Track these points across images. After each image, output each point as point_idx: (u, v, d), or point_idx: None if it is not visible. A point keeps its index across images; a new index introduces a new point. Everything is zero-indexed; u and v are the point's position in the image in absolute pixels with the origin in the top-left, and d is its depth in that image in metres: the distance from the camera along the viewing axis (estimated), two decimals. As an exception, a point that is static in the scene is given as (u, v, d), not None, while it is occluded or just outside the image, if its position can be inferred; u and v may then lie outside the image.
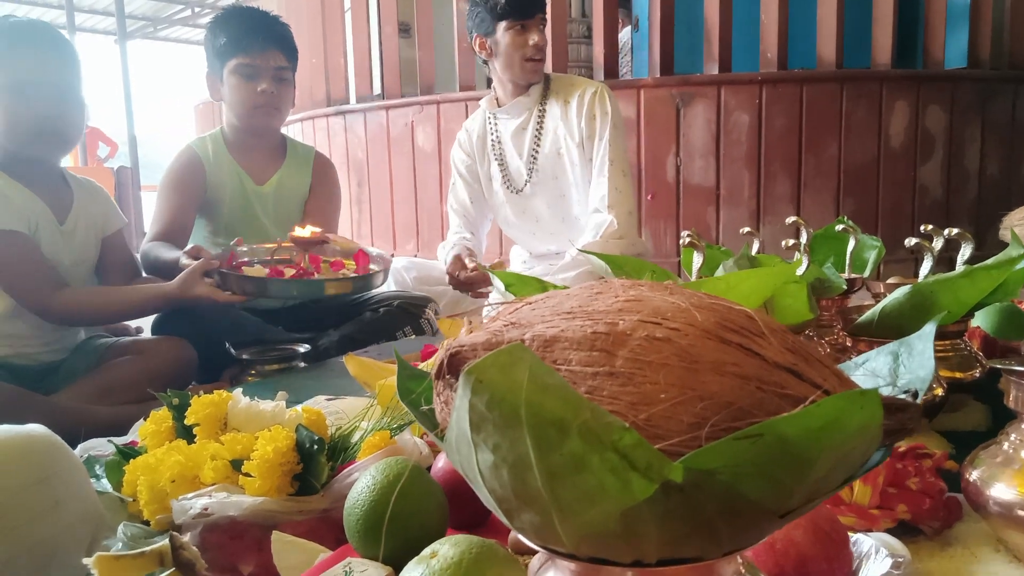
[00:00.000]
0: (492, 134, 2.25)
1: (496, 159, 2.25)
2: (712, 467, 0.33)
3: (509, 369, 0.34)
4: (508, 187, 2.24)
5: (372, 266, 1.76)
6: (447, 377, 0.45)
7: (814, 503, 0.37)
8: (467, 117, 3.64)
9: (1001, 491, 0.60)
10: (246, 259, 1.73)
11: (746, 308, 0.40)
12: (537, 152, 2.18)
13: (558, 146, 2.15)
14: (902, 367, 0.43)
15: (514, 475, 0.36)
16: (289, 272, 1.65)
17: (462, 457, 0.39)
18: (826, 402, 0.31)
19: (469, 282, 2.05)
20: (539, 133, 2.17)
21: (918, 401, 0.37)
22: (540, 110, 2.17)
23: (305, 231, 1.72)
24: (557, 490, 0.35)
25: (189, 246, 1.94)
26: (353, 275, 1.69)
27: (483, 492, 0.40)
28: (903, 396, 0.39)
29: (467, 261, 2.08)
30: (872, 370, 0.44)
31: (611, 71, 3.49)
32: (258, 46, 1.83)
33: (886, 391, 0.42)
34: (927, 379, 0.41)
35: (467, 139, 2.32)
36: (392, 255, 3.92)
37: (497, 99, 2.23)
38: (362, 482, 0.68)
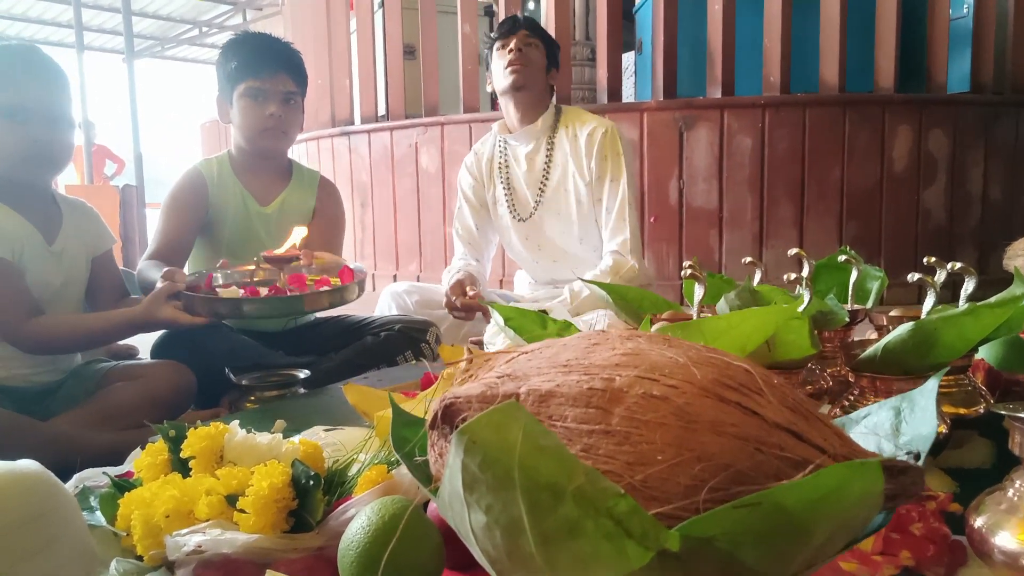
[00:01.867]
0: (500, 157, 2.27)
1: (503, 183, 2.25)
2: (709, 535, 0.32)
3: (503, 429, 0.33)
4: (513, 214, 2.25)
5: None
6: (442, 427, 0.44)
7: (814, 568, 0.36)
8: (471, 139, 3.67)
9: (1006, 540, 0.59)
10: (222, 282, 1.69)
11: (744, 363, 0.40)
12: (545, 184, 2.19)
13: (566, 181, 2.17)
14: (904, 423, 0.42)
15: (507, 537, 0.35)
16: (264, 292, 1.61)
17: (455, 514, 0.38)
18: (826, 472, 0.30)
19: (465, 308, 2.04)
20: (548, 165, 2.19)
21: (920, 463, 0.37)
22: (550, 141, 2.19)
23: (280, 248, 1.68)
24: (551, 554, 0.34)
25: (189, 266, 1.95)
26: (325, 289, 1.62)
27: (476, 551, 0.39)
28: (905, 456, 0.38)
29: (468, 289, 2.08)
30: (873, 426, 0.43)
31: (614, 94, 3.51)
32: (268, 70, 1.85)
33: (888, 448, 0.41)
34: (930, 437, 0.40)
35: (475, 162, 2.33)
36: (395, 276, 3.93)
37: (508, 125, 2.25)
38: (357, 522, 0.67)
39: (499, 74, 2.16)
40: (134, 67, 7.37)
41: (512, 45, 2.12)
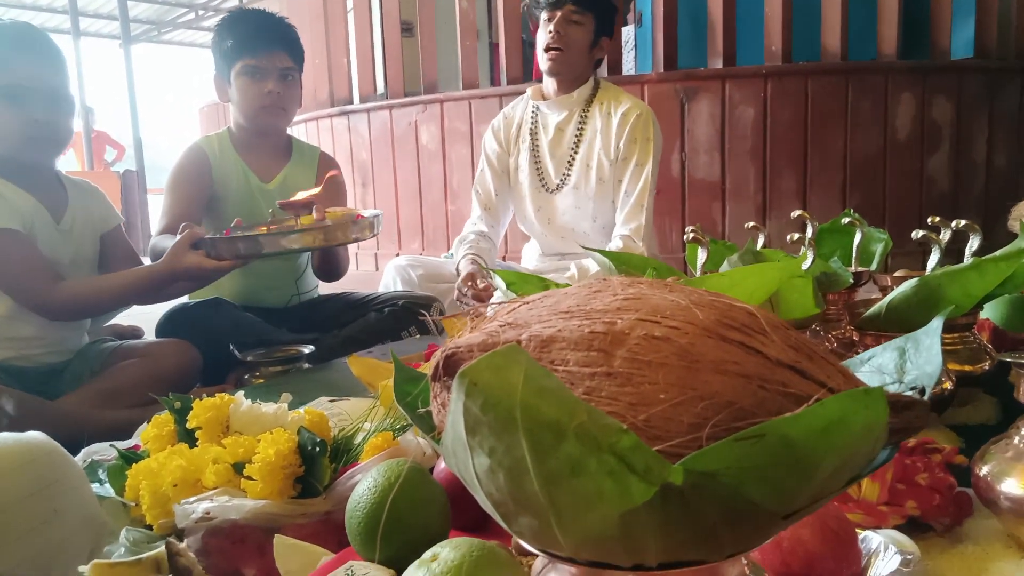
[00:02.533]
0: (531, 123, 2.23)
1: (529, 150, 2.22)
2: (713, 469, 0.32)
3: (504, 371, 0.33)
4: (536, 182, 2.22)
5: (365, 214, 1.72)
6: (444, 379, 0.44)
7: (819, 504, 0.36)
8: (471, 115, 3.65)
9: (1012, 487, 0.59)
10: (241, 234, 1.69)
11: (747, 305, 0.40)
12: (571, 157, 2.16)
13: (590, 158, 2.13)
14: (909, 363, 0.42)
15: (511, 479, 0.35)
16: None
17: (458, 461, 0.38)
18: (829, 402, 0.30)
19: (476, 299, 2.03)
20: (577, 138, 2.15)
21: (925, 398, 0.36)
22: (582, 114, 2.15)
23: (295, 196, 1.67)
24: (554, 494, 0.34)
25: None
26: (341, 222, 1.59)
27: (480, 496, 0.39)
28: (910, 393, 0.38)
29: (479, 281, 2.05)
30: (878, 366, 0.43)
31: (615, 67, 3.48)
32: (265, 47, 1.85)
33: (892, 388, 0.41)
34: (935, 375, 0.40)
35: (503, 126, 2.29)
36: (397, 255, 3.92)
37: (543, 92, 2.22)
38: (363, 484, 0.68)
39: (539, 47, 2.11)
40: (131, 52, 7.33)
41: (553, 24, 2.05)
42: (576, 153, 2.16)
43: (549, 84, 2.18)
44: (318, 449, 0.79)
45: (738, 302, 0.40)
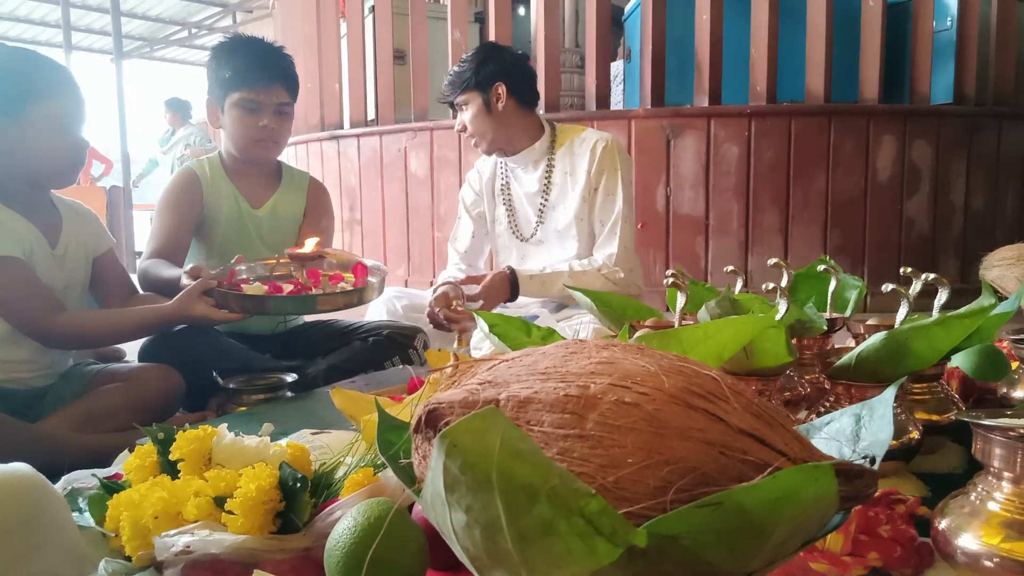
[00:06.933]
0: (502, 178, 2.26)
1: (504, 204, 2.26)
2: (674, 533, 0.34)
3: (482, 434, 0.35)
4: (515, 233, 2.25)
5: (370, 278, 1.77)
6: (426, 431, 0.46)
7: (774, 566, 0.38)
8: (460, 144, 3.69)
9: (968, 541, 0.62)
10: (245, 276, 1.73)
11: (712, 371, 0.42)
12: (545, 203, 2.18)
13: (565, 199, 2.16)
14: (863, 429, 0.44)
15: (486, 536, 0.37)
16: (287, 288, 1.66)
17: (437, 514, 0.40)
18: (782, 475, 0.33)
19: (449, 319, 2.04)
20: (547, 185, 2.18)
21: (876, 467, 0.39)
22: (549, 162, 2.17)
23: (305, 247, 1.73)
24: (526, 552, 0.36)
25: (187, 266, 1.96)
26: (349, 288, 1.68)
27: (457, 549, 0.41)
28: (861, 461, 0.40)
29: (454, 303, 2.07)
30: (834, 432, 0.45)
31: (603, 101, 3.54)
32: (263, 82, 1.84)
33: (847, 452, 0.43)
34: (886, 442, 0.42)
35: (477, 179, 2.33)
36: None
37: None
38: (343, 524, 0.69)
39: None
40: (122, 68, 7.35)
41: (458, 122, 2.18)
42: (547, 199, 2.18)
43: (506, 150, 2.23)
44: (299, 485, 0.81)
45: (705, 368, 0.42)
